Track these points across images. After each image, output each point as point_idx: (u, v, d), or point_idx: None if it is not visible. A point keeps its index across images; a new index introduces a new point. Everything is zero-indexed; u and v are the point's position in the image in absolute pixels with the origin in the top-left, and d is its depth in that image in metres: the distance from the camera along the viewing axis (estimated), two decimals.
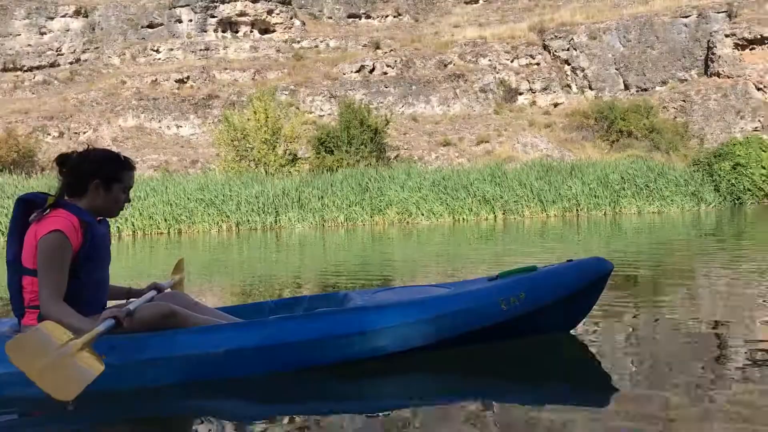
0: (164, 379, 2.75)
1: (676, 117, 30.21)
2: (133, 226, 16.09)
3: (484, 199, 17.44)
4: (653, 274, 6.12)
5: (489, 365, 3.04)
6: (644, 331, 3.61)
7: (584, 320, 3.52)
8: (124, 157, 3.00)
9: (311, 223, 16.66)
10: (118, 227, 15.85)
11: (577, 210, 17.42)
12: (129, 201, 3.05)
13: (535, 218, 17.15)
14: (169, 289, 3.34)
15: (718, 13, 31.67)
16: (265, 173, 21.75)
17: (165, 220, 16.29)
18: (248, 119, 22.78)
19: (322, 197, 17.44)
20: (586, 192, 17.59)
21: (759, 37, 29.80)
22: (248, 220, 16.58)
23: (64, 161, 2.91)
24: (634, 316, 3.97)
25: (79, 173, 2.86)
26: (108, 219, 3.07)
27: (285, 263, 8.72)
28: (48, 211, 2.77)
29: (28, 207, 2.87)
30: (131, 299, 3.12)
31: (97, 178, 2.86)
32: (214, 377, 2.79)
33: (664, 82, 32.16)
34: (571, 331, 3.43)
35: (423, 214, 17.06)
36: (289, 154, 23.42)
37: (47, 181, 18.87)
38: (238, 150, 22.77)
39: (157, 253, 11.25)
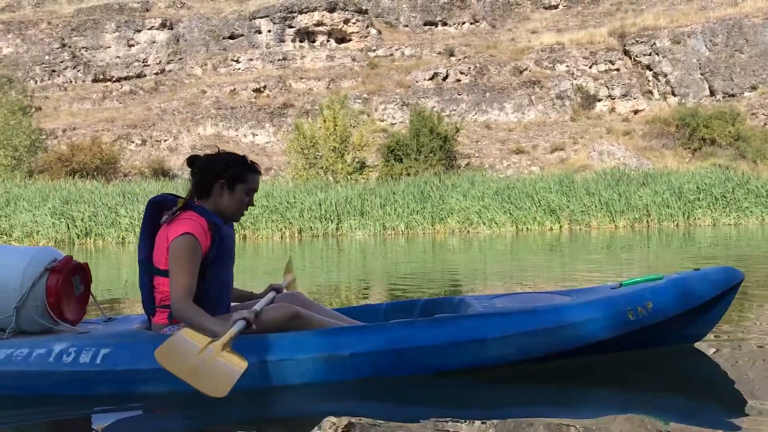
0: (292, 379, 2.80)
1: (766, 124, 28.64)
2: None
3: (549, 208, 17.00)
4: None
5: (610, 377, 2.97)
6: None
7: (710, 332, 3.39)
8: (251, 160, 3.05)
9: (372, 230, 16.67)
10: None
11: (647, 221, 16.72)
12: (252, 204, 3.08)
13: (603, 228, 16.58)
14: (285, 290, 3.39)
15: None
16: (333, 181, 22.00)
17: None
18: (318, 127, 23.10)
19: (384, 205, 17.44)
20: (658, 202, 16.86)
21: None
22: (311, 227, 16.75)
23: (193, 162, 3.00)
24: (762, 329, 3.78)
25: (206, 174, 2.94)
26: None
27: (347, 270, 8.75)
28: (178, 213, 2.86)
29: (159, 208, 2.97)
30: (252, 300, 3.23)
31: (222, 179, 2.92)
32: (339, 379, 2.82)
33: (753, 88, 30.53)
34: (695, 344, 3.30)
35: (484, 224, 16.77)
36: (357, 162, 23.57)
37: (124, 186, 19.72)
38: (308, 158, 23.12)
39: None
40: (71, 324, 3.05)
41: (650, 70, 32.60)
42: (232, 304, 3.18)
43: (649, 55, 32.63)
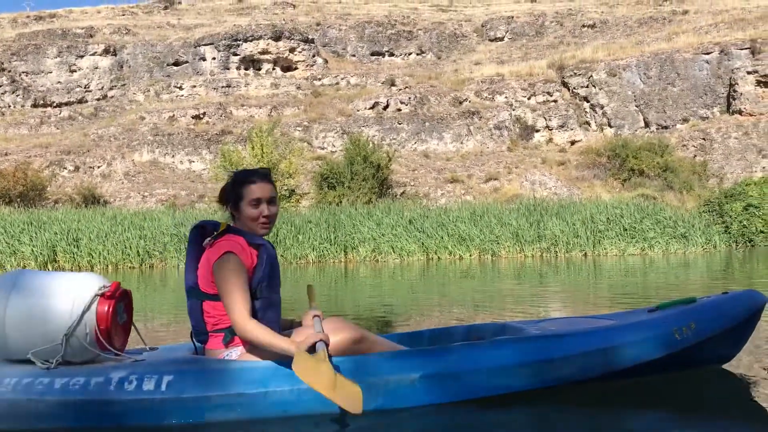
0: (367, 404, 2.74)
1: (696, 155, 29.28)
2: (106, 259, 16.29)
3: (460, 237, 17.07)
4: None
5: (643, 400, 3.01)
6: None
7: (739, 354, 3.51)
8: (252, 170, 3.09)
9: (281, 260, 16.54)
10: (88, 261, 16.10)
11: (555, 250, 16.87)
12: (270, 212, 3.01)
13: (512, 258, 16.69)
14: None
15: (741, 49, 30.77)
16: None
17: (138, 254, 16.44)
18: (244, 156, 23.03)
19: (298, 234, 17.38)
20: (567, 232, 17.04)
21: None
22: None
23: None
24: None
25: (224, 202, 3.06)
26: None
27: None
28: (218, 237, 2.90)
29: (202, 233, 3.01)
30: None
31: (230, 203, 3.01)
32: (410, 404, 2.81)
33: (685, 120, 31.28)
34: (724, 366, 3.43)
35: (393, 252, 16.78)
36: (286, 190, 23.51)
37: (51, 213, 19.33)
38: None
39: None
40: (116, 353, 2.92)
41: (587, 101, 33.21)
42: None
43: (587, 87, 33.27)
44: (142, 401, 2.66)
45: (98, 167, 29.10)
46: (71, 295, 2.79)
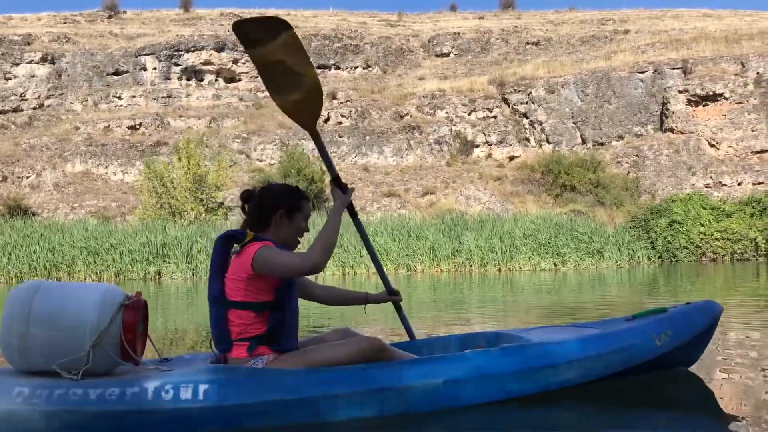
0: (391, 409, 2.90)
1: (629, 172, 29.76)
2: (9, 273, 15.82)
3: (378, 251, 16.99)
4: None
5: (622, 400, 3.25)
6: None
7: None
8: (299, 188, 3.18)
9: (189, 274, 16.27)
10: None
11: (470, 265, 16.89)
12: (308, 230, 3.16)
13: (428, 272, 16.66)
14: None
15: (674, 69, 31.48)
16: (185, 222, 21.55)
17: (45, 267, 16.00)
18: (173, 167, 22.71)
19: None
20: (483, 247, 17.08)
21: (711, 93, 29.48)
22: (130, 269, 16.24)
23: (248, 197, 3.11)
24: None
25: (263, 207, 3.04)
26: None
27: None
28: (247, 245, 2.93)
29: (228, 243, 3.04)
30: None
31: (281, 209, 3.03)
32: (432, 408, 2.96)
33: (620, 137, 31.80)
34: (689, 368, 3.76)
35: None
36: (213, 202, 23.23)
37: None
38: (160, 197, 22.64)
39: None
40: (135, 363, 2.93)
41: (527, 118, 33.57)
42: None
43: (526, 103, 33.64)
44: (181, 410, 2.71)
45: (27, 177, 28.42)
46: (97, 306, 2.80)
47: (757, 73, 30.52)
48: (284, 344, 2.96)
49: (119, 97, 34.85)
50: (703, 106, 29.71)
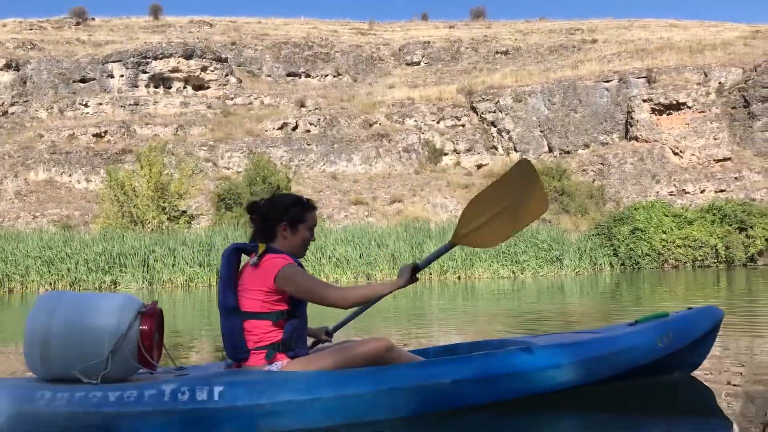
0: (401, 411, 2.95)
1: (595, 180, 30.03)
2: None
3: (338, 261, 16.94)
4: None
5: (624, 403, 3.29)
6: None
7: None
8: (307, 198, 3.21)
9: (145, 284, 16.08)
10: None
11: (429, 272, 16.90)
12: (314, 239, 3.21)
13: (386, 279, 16.63)
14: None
15: (638, 78, 31.87)
16: (146, 230, 21.30)
17: None
18: (135, 175, 22.48)
19: (174, 256, 16.94)
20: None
21: (675, 102, 29.88)
22: (85, 279, 16.02)
23: (253, 209, 3.14)
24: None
25: (268, 219, 3.08)
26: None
27: None
28: (263, 256, 2.97)
29: (237, 255, 3.08)
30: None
31: (284, 221, 3.06)
32: (442, 408, 3.02)
33: (586, 145, 32.10)
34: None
35: None
36: (176, 211, 23.01)
37: None
38: (122, 205, 22.39)
39: None
40: (152, 370, 3.02)
41: (494, 126, 33.78)
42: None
43: (494, 112, 33.85)
44: (197, 411, 2.77)
45: None
46: (116, 313, 2.87)
47: (719, 82, 31.03)
48: (297, 350, 3.03)
49: (85, 105, 34.47)
50: (667, 114, 30.10)
